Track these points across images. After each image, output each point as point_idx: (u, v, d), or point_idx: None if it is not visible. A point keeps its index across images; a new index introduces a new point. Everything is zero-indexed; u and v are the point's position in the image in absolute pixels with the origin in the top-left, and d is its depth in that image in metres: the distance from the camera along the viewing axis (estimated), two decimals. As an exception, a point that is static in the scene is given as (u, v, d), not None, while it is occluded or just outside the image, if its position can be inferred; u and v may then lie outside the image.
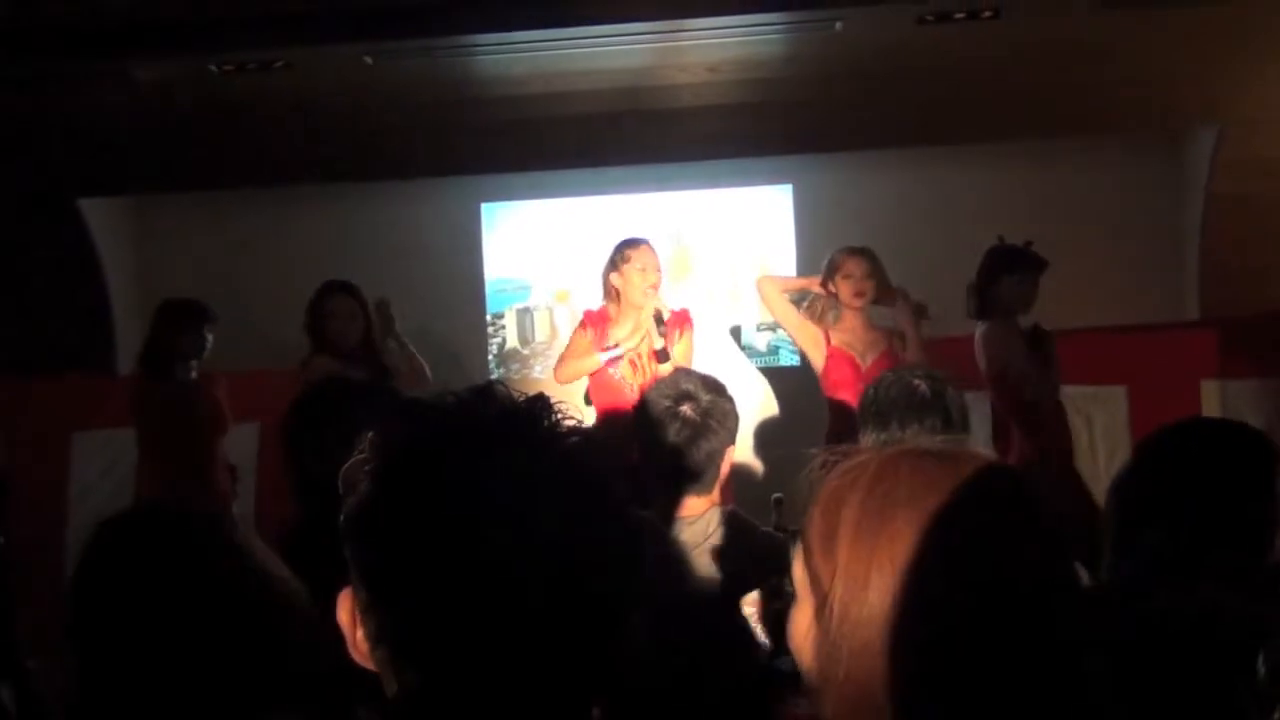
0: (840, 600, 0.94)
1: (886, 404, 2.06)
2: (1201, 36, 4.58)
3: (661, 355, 3.87)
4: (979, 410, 5.08)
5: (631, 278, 3.96)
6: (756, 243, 5.87)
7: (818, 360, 4.10)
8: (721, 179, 5.82)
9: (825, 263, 4.19)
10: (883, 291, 4.13)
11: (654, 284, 3.95)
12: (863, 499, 0.96)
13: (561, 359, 4.13)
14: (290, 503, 2.05)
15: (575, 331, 4.18)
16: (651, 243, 4.10)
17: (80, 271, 5.48)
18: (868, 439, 2.07)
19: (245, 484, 4.78)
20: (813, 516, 0.99)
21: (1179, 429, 1.75)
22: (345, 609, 0.86)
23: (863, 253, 4.12)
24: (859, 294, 4.04)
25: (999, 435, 4.83)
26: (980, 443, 5.07)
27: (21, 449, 4.81)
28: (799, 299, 4.25)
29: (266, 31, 4.46)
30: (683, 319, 4.09)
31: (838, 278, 4.07)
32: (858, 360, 4.04)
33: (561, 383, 4.07)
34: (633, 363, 3.99)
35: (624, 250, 4.04)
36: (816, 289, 4.16)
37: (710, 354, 5.21)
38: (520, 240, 5.92)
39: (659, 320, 3.89)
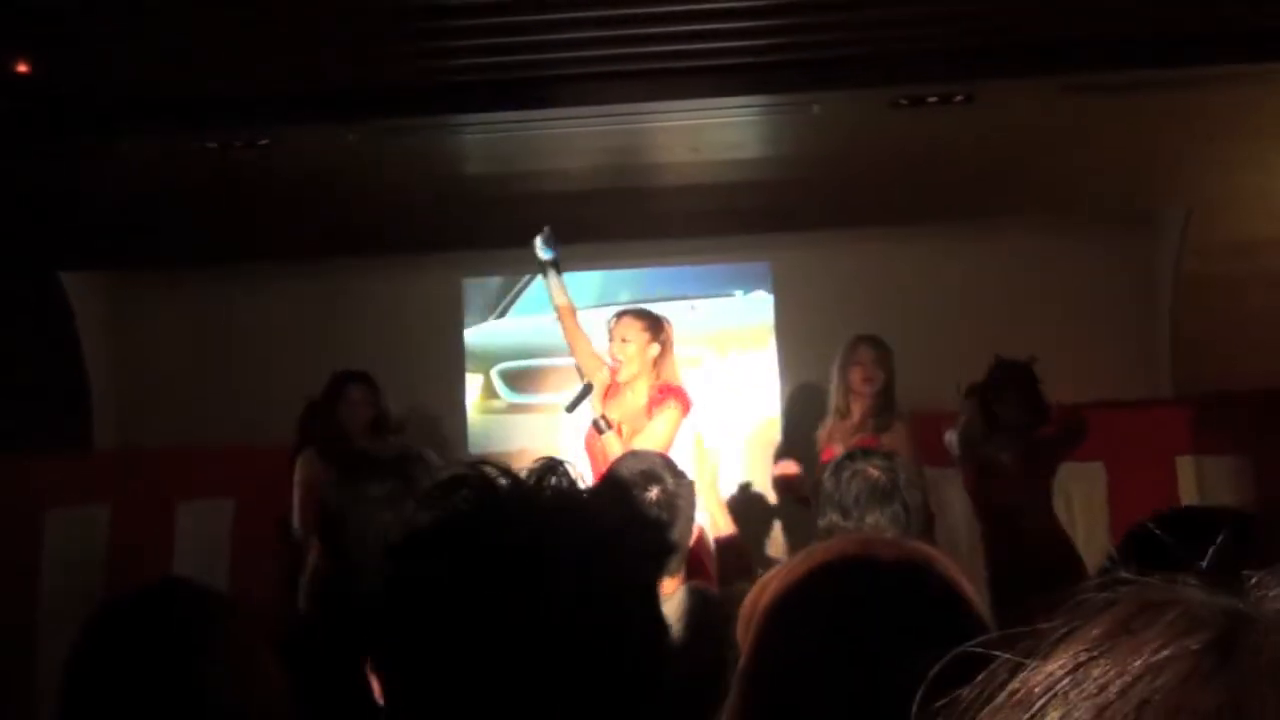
0: (744, 667, 0.97)
1: (849, 499, 2.06)
2: (1169, 121, 4.68)
3: (596, 424, 3.75)
4: (954, 483, 5.08)
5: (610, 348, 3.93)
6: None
7: None
8: (703, 255, 5.88)
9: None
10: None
11: (618, 353, 3.81)
12: (778, 581, 0.99)
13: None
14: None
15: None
16: (636, 314, 3.92)
17: (58, 346, 5.46)
18: (826, 520, 2.09)
19: (219, 562, 4.71)
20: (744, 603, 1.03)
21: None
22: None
23: (874, 341, 4.10)
24: (868, 380, 4.03)
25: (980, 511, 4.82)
26: (959, 518, 5.07)
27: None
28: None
29: (251, 110, 4.52)
30: (668, 395, 3.81)
31: (850, 365, 4.04)
32: None
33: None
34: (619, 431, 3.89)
35: (609, 322, 3.96)
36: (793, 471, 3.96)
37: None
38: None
39: (586, 391, 3.81)
